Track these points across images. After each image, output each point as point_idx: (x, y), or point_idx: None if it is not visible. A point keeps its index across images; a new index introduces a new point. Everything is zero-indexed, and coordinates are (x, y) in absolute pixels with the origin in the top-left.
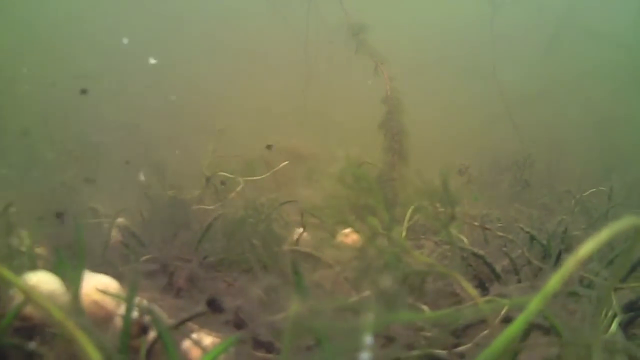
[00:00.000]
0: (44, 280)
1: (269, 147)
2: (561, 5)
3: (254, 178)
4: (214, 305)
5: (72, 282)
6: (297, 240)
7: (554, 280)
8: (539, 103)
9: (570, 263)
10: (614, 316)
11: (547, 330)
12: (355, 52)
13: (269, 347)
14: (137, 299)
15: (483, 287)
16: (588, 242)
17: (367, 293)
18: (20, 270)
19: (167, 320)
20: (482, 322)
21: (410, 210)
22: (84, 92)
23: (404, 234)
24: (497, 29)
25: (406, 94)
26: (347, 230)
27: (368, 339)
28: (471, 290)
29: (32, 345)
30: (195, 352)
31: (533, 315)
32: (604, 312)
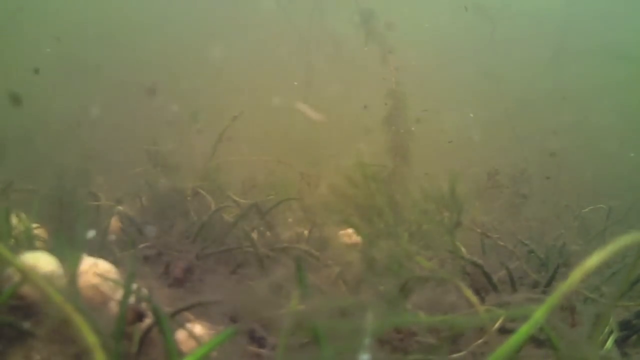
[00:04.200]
0: (42, 261)
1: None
2: (562, 18)
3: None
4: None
5: (70, 265)
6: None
7: (560, 291)
8: (541, 115)
9: (577, 274)
10: (610, 333)
11: (541, 343)
12: (365, 43)
13: (261, 342)
14: (134, 286)
15: (479, 296)
16: (594, 255)
17: (365, 295)
18: (18, 250)
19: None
20: (477, 331)
21: (414, 215)
22: None
23: (405, 238)
24: (499, 40)
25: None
26: (349, 231)
27: (366, 341)
28: (473, 298)
29: (26, 324)
30: (189, 342)
31: (538, 324)
32: (601, 328)
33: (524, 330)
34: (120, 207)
